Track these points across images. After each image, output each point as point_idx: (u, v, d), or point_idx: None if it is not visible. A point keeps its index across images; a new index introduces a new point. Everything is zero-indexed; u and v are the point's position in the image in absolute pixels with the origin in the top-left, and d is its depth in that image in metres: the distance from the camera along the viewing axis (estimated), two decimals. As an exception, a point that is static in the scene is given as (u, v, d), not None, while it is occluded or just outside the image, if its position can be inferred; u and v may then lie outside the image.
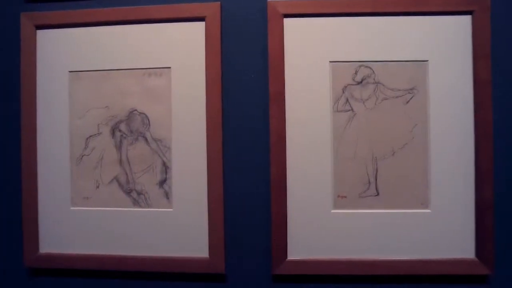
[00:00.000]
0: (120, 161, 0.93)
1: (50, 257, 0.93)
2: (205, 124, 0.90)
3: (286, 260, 0.89)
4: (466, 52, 0.87)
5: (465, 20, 0.87)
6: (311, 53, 0.89)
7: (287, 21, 0.89)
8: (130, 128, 0.92)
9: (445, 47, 0.87)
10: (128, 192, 0.93)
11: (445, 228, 0.87)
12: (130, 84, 0.92)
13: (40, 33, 0.94)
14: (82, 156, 0.93)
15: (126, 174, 0.92)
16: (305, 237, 0.89)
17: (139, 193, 0.92)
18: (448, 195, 0.87)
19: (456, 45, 0.87)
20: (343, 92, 0.89)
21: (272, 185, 0.89)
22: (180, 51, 0.91)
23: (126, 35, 0.92)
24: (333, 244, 0.88)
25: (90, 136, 0.93)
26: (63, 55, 0.94)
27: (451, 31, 0.87)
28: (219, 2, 0.90)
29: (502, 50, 0.88)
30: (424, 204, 0.88)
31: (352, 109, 0.89)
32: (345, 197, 0.89)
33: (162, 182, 0.92)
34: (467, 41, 0.87)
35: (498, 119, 0.87)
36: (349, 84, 0.89)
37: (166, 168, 0.92)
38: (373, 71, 0.88)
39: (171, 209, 0.91)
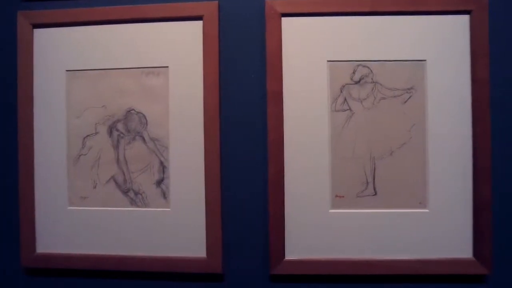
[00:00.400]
0: (118, 161, 0.92)
1: (47, 257, 0.93)
2: (203, 123, 0.90)
3: (284, 260, 0.88)
4: (464, 51, 0.87)
5: (463, 20, 0.87)
6: (309, 52, 0.89)
7: (285, 20, 0.89)
8: (127, 127, 0.92)
9: (443, 46, 0.87)
10: (126, 192, 0.92)
11: (443, 227, 0.87)
12: (127, 83, 0.92)
13: (37, 32, 0.93)
14: (79, 155, 0.93)
15: (124, 174, 0.92)
16: (303, 237, 0.89)
17: (136, 193, 0.92)
18: (446, 194, 0.87)
19: (454, 45, 0.87)
20: (341, 91, 0.89)
21: (270, 184, 0.88)
22: (178, 50, 0.91)
23: (124, 34, 0.92)
24: (331, 244, 0.88)
25: (87, 135, 0.93)
26: (60, 54, 0.93)
27: (449, 30, 0.87)
28: (217, 1, 0.90)
29: (500, 49, 0.88)
30: (422, 203, 0.88)
31: (350, 109, 0.89)
32: (343, 196, 0.88)
33: (160, 182, 0.92)
34: (465, 41, 0.87)
35: (496, 119, 0.87)
36: (347, 84, 0.89)
37: (163, 167, 0.91)
38: (371, 71, 0.88)
39: (169, 209, 0.91)
